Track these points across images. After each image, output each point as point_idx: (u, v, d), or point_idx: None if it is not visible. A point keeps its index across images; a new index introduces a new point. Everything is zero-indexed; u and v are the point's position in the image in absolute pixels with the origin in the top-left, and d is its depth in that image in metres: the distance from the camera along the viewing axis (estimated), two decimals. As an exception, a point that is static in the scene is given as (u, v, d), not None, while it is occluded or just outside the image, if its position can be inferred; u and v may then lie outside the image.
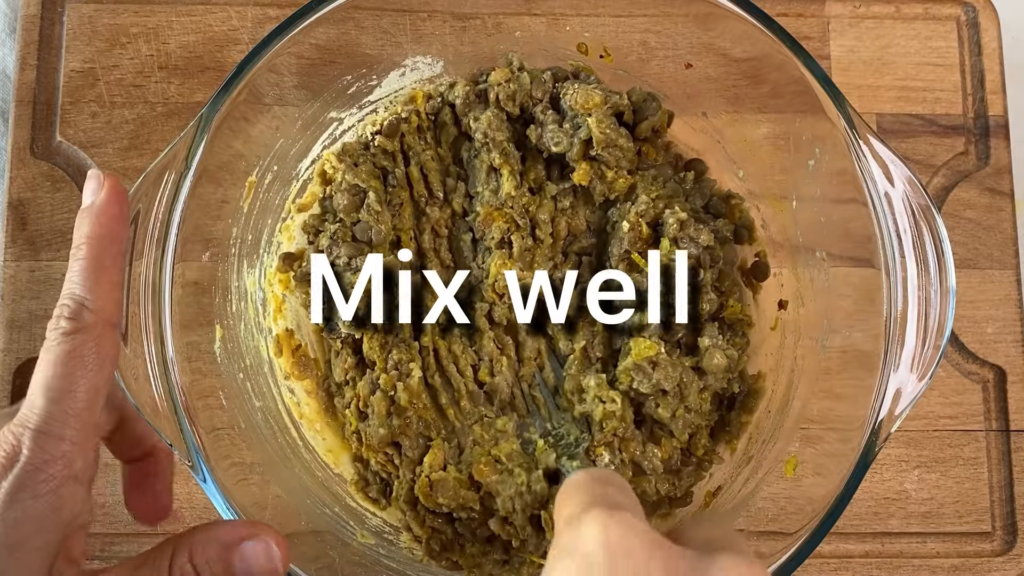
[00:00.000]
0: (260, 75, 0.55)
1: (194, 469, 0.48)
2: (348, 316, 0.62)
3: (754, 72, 0.59)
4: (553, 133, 0.62)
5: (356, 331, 0.62)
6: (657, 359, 0.59)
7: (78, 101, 0.70)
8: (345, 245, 0.62)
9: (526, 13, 0.64)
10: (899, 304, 0.51)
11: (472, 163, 0.65)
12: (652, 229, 0.62)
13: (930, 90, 0.73)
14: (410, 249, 0.64)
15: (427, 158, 0.65)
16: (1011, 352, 0.69)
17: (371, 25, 0.62)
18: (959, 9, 0.74)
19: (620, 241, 0.62)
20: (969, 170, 0.72)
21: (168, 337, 0.49)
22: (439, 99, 0.65)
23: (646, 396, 0.60)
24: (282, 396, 0.63)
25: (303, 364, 0.64)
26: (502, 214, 0.63)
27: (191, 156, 0.50)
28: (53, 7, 0.71)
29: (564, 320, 0.64)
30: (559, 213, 0.65)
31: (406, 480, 0.61)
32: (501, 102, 0.63)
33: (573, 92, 0.62)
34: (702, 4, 0.56)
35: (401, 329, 0.63)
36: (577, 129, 0.61)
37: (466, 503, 0.58)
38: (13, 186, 0.68)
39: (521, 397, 0.65)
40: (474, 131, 0.64)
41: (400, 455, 0.61)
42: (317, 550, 0.56)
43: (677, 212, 0.61)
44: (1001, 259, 0.71)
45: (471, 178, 0.66)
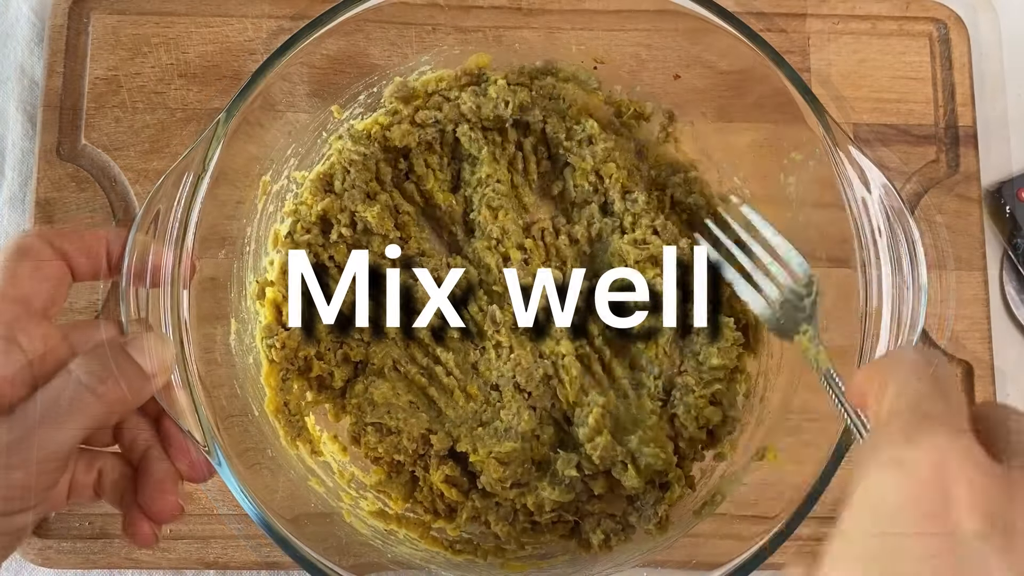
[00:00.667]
0: (274, 83, 0.55)
1: (210, 454, 0.48)
2: (330, 319, 0.59)
3: (739, 83, 0.59)
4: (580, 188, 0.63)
5: (339, 337, 0.60)
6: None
7: (102, 107, 0.70)
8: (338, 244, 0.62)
9: (524, 27, 0.64)
10: (874, 302, 0.52)
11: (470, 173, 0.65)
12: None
13: (904, 102, 0.73)
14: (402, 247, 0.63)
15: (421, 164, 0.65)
16: (978, 349, 0.70)
17: (379, 37, 0.62)
18: (931, 26, 0.74)
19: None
20: (940, 177, 0.72)
21: (186, 328, 0.49)
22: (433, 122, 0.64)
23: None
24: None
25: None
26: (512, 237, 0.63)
27: (208, 159, 0.51)
28: (79, 17, 0.71)
29: (570, 323, 0.62)
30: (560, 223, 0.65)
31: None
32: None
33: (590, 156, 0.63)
34: (691, 19, 0.56)
35: (387, 336, 0.62)
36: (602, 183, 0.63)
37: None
38: (40, 186, 0.68)
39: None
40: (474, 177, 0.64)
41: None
42: (326, 530, 0.56)
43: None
44: (969, 261, 0.71)
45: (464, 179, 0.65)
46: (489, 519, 0.60)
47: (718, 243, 0.59)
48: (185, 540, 0.64)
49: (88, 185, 0.69)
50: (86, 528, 0.64)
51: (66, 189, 0.69)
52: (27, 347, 0.42)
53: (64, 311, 0.66)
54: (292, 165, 0.62)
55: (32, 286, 0.44)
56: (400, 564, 0.57)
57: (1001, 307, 0.74)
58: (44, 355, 0.43)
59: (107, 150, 0.69)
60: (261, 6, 0.71)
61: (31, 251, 0.45)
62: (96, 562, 0.64)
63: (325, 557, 0.50)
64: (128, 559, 0.64)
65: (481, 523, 0.60)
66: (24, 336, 0.42)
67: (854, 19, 0.74)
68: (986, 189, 0.74)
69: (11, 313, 0.43)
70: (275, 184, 0.62)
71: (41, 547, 0.63)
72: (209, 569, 0.65)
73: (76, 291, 0.66)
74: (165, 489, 0.48)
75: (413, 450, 0.60)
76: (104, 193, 0.69)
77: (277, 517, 0.50)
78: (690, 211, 0.65)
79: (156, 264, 0.48)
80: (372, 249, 0.62)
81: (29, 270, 0.45)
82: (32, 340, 0.43)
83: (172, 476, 0.48)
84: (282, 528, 0.49)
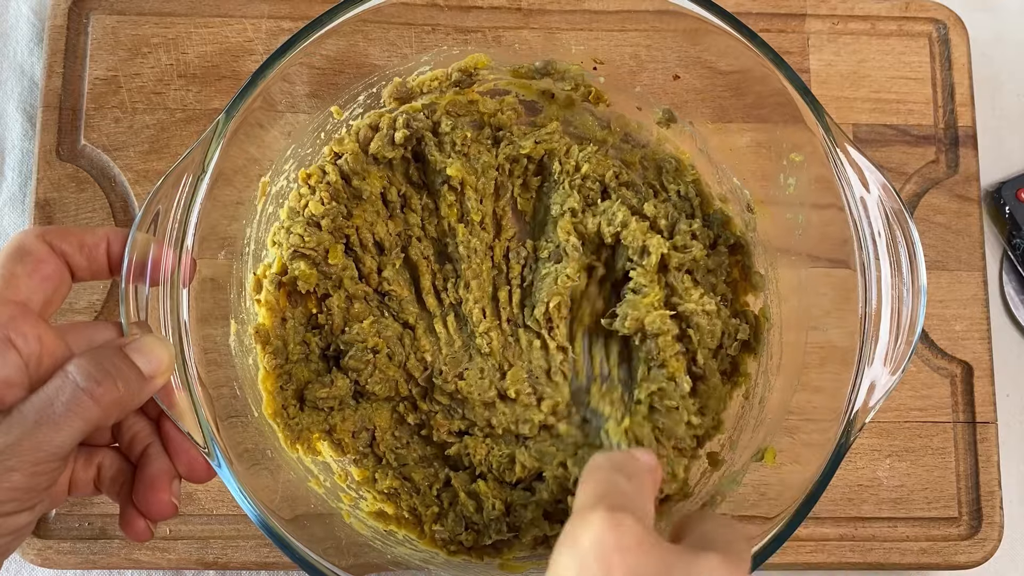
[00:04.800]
0: (273, 84, 0.55)
1: (209, 455, 0.48)
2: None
3: (738, 84, 0.59)
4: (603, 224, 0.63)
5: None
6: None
7: (102, 107, 0.69)
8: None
9: (524, 27, 0.64)
10: (873, 303, 0.52)
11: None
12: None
13: (903, 102, 0.73)
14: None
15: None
16: (978, 349, 0.70)
17: (378, 37, 0.62)
18: (931, 26, 0.74)
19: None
20: (939, 178, 0.72)
21: (186, 329, 0.49)
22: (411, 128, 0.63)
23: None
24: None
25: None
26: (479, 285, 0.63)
27: (208, 160, 0.50)
28: (78, 18, 0.70)
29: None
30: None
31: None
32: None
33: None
34: (691, 20, 0.56)
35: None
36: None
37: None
38: (40, 187, 0.68)
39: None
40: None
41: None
42: (325, 531, 0.56)
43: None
44: (969, 261, 0.71)
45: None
46: (480, 493, 0.60)
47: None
48: (185, 540, 0.64)
49: (88, 185, 0.69)
50: (86, 528, 0.64)
51: (66, 189, 0.68)
52: (23, 348, 0.42)
53: (64, 311, 0.66)
54: (292, 166, 0.62)
55: (30, 287, 0.44)
56: (399, 564, 0.57)
57: (1001, 307, 0.74)
58: (41, 356, 0.43)
59: (107, 150, 0.69)
60: (261, 6, 0.71)
61: (30, 251, 0.45)
62: (96, 562, 0.64)
63: (324, 558, 0.50)
64: (128, 559, 0.64)
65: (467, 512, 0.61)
66: (20, 337, 0.42)
67: (854, 19, 0.74)
68: (985, 189, 0.74)
69: (7, 314, 0.42)
70: (274, 185, 0.61)
71: (41, 547, 0.63)
72: (209, 569, 0.65)
73: (76, 291, 0.66)
74: (158, 487, 0.47)
75: (400, 379, 0.61)
76: (104, 193, 0.69)
77: (276, 518, 0.50)
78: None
79: (156, 264, 0.48)
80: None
81: (28, 271, 0.44)
82: (29, 341, 0.42)
83: (167, 474, 0.48)
84: (281, 529, 0.49)
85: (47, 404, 0.41)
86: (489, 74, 0.65)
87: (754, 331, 0.62)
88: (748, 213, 0.63)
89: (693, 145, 0.65)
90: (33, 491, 0.42)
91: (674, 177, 0.65)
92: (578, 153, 0.64)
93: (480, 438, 0.61)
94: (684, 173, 0.65)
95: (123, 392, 0.43)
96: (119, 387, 0.43)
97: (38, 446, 0.41)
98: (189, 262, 0.49)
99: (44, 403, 0.42)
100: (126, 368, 0.44)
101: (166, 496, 0.48)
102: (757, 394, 0.61)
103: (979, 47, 0.75)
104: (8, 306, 0.43)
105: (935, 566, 0.67)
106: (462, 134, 0.62)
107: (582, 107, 0.66)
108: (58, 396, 0.42)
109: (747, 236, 0.63)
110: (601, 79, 0.65)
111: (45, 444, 0.41)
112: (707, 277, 0.62)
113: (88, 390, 0.42)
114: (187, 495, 0.65)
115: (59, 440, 0.41)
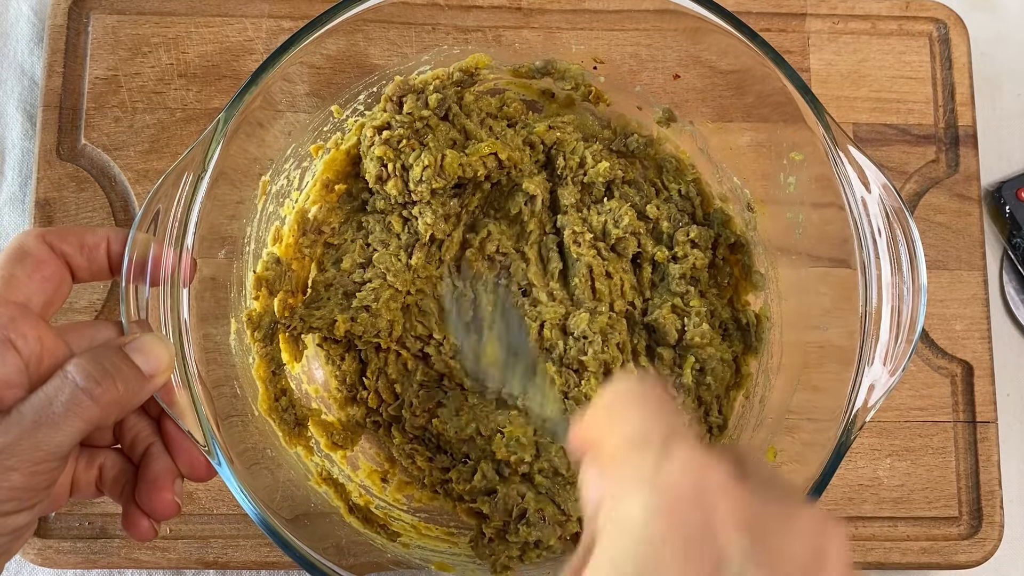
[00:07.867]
0: (274, 83, 0.55)
1: (210, 454, 0.48)
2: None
3: (739, 83, 0.59)
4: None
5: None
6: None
7: (102, 106, 0.69)
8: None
9: (524, 27, 0.64)
10: (874, 302, 0.51)
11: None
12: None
13: (904, 101, 0.73)
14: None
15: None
16: (978, 348, 0.70)
17: (379, 37, 0.62)
18: (931, 26, 0.74)
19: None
20: (940, 177, 0.72)
21: (186, 328, 0.49)
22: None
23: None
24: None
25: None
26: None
27: (208, 159, 0.50)
28: (79, 17, 0.70)
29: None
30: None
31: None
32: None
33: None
34: (691, 19, 0.56)
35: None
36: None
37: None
38: (40, 186, 0.68)
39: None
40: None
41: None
42: (325, 530, 0.56)
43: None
44: (969, 261, 0.71)
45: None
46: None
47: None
48: (185, 540, 0.64)
49: (88, 185, 0.69)
50: (86, 528, 0.64)
51: (66, 189, 0.68)
52: (23, 349, 0.42)
53: (64, 311, 0.66)
54: (292, 165, 0.62)
55: (31, 287, 0.44)
56: (399, 564, 0.57)
57: (1001, 307, 0.73)
58: (41, 357, 0.43)
59: (107, 150, 0.69)
60: (261, 6, 0.71)
61: (30, 252, 0.45)
62: (96, 562, 0.64)
63: (325, 557, 0.50)
64: (128, 559, 0.64)
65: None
66: (20, 338, 0.42)
67: (854, 19, 0.74)
68: (986, 189, 0.74)
69: (8, 315, 0.42)
70: (275, 184, 0.61)
71: (41, 547, 0.63)
72: (209, 569, 0.65)
73: (76, 291, 0.66)
74: (161, 487, 0.47)
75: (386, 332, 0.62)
76: (104, 193, 0.69)
77: (277, 517, 0.50)
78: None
79: (156, 264, 0.48)
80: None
81: (28, 271, 0.44)
82: (29, 342, 0.42)
83: (170, 474, 0.48)
84: (282, 528, 0.49)
85: (46, 404, 0.41)
86: (489, 73, 0.65)
87: (755, 331, 0.62)
88: (748, 212, 0.63)
89: (693, 144, 0.65)
90: (32, 491, 0.42)
91: (674, 176, 0.65)
92: (583, 149, 0.64)
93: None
94: (684, 172, 0.65)
95: (123, 391, 0.43)
96: (118, 387, 0.43)
97: (37, 446, 0.41)
98: (189, 261, 0.49)
99: (43, 403, 0.41)
100: (126, 367, 0.44)
101: (169, 495, 0.48)
102: (757, 393, 0.61)
103: (979, 47, 0.75)
104: (8, 307, 0.43)
105: (935, 566, 0.67)
106: (487, 102, 0.64)
107: (582, 106, 0.66)
108: (57, 396, 0.42)
109: (747, 235, 0.64)
110: (601, 78, 0.65)
111: (44, 444, 0.41)
112: (710, 291, 0.64)
113: (87, 390, 0.42)
114: (187, 494, 0.65)
115: (58, 440, 0.41)
